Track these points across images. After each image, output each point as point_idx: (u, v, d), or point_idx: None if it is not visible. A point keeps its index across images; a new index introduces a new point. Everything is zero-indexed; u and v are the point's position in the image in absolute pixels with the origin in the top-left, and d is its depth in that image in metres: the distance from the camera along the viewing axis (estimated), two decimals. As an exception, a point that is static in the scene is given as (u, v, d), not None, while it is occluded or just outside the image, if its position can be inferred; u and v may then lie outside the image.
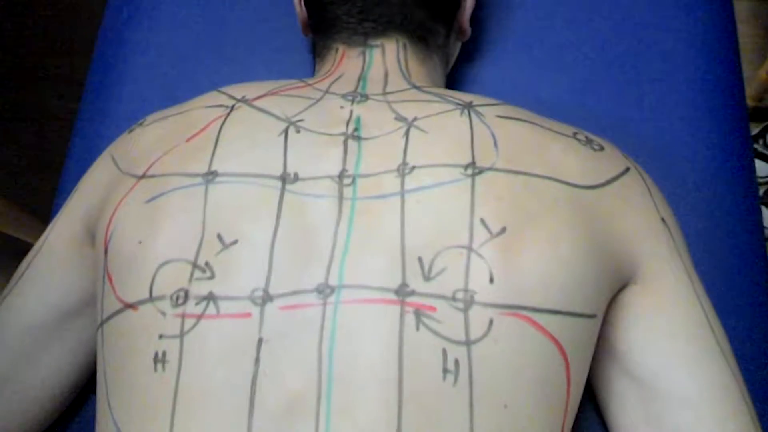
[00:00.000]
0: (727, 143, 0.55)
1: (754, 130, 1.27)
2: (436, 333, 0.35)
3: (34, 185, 1.23)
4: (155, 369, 0.37)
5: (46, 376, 0.47)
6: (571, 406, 0.38)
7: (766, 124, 1.25)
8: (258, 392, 0.35)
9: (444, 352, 0.35)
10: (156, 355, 0.37)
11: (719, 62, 0.58)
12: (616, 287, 0.41)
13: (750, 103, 1.25)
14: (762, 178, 1.25)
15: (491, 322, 0.35)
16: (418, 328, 0.35)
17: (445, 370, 0.35)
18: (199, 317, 0.37)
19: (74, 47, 1.34)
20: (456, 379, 0.35)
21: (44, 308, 0.46)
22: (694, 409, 0.39)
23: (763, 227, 0.58)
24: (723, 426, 0.38)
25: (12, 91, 1.38)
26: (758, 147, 1.24)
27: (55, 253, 0.48)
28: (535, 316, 0.36)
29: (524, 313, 0.36)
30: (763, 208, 1.21)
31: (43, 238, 0.49)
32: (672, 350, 0.40)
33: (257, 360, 0.36)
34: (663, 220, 0.43)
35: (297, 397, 0.35)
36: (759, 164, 1.25)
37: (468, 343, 0.35)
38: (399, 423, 0.34)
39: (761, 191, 1.24)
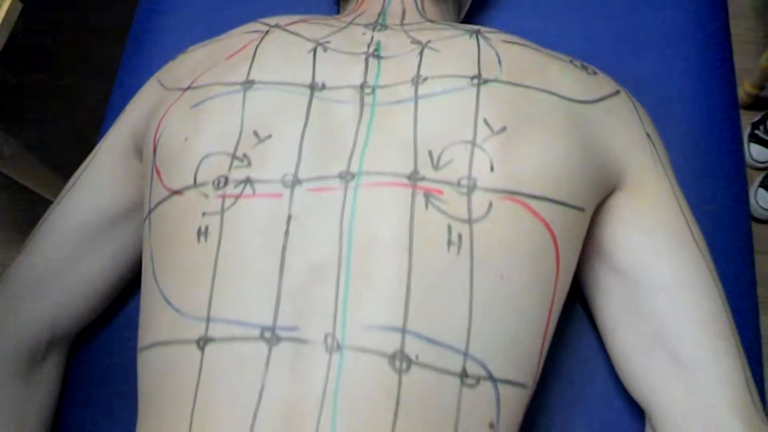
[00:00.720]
0: (712, 80, 0.61)
1: (756, 117, 1.31)
2: (442, 212, 0.40)
3: (66, 158, 1.29)
4: (198, 241, 0.42)
5: (92, 274, 0.53)
6: (560, 289, 0.43)
7: (767, 111, 1.29)
8: (287, 259, 0.40)
9: (449, 227, 0.40)
10: (199, 229, 0.42)
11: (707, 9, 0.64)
12: (604, 190, 0.46)
13: (752, 91, 1.29)
14: (762, 162, 1.29)
15: (491, 204, 0.41)
16: (427, 207, 0.40)
17: (450, 242, 0.40)
18: (238, 197, 0.42)
19: (108, 31, 1.41)
20: (459, 250, 0.40)
21: (93, 212, 0.52)
22: (670, 293, 0.44)
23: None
24: (696, 307, 0.43)
25: (48, 71, 1.45)
26: (759, 132, 1.29)
27: (105, 163, 0.53)
28: (530, 201, 0.41)
29: (520, 198, 0.41)
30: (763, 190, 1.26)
31: (93, 152, 0.55)
32: (652, 245, 0.45)
33: (287, 232, 0.41)
34: (648, 135, 0.48)
35: (321, 263, 0.40)
36: (759, 149, 1.30)
37: (470, 221, 0.40)
38: (408, 284, 0.39)
39: (762, 175, 1.28)
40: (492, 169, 0.41)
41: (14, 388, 0.50)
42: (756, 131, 1.30)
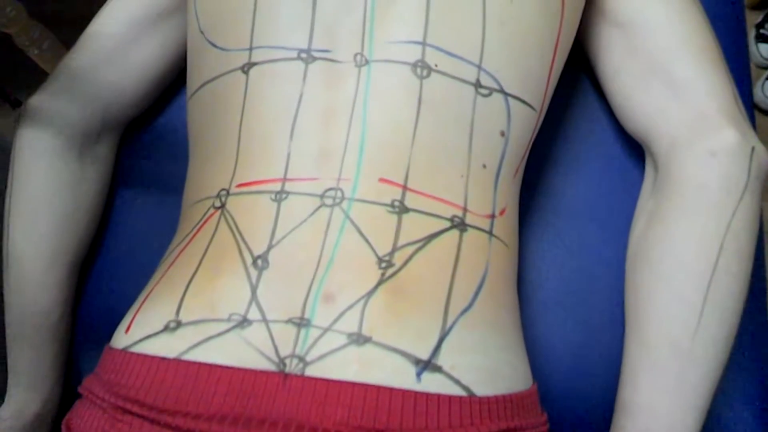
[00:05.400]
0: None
1: (760, 16, 1.34)
2: None
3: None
4: None
5: (140, 63, 0.59)
6: (564, 31, 0.48)
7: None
8: None
9: None
10: None
11: None
12: None
13: (758, -10, 1.32)
14: (768, 59, 1.32)
15: None
16: None
17: None
18: None
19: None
20: None
21: (142, 6, 0.58)
22: (664, 30, 0.48)
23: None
24: (688, 39, 0.48)
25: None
26: (765, 32, 1.32)
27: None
28: None
29: None
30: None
31: None
32: None
33: None
34: None
35: None
36: (766, 47, 1.33)
37: None
38: (428, 6, 0.44)
39: (768, 73, 1.31)
40: None
41: (70, 162, 0.57)
42: (762, 30, 1.33)
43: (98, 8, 0.60)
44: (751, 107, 0.62)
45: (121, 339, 0.41)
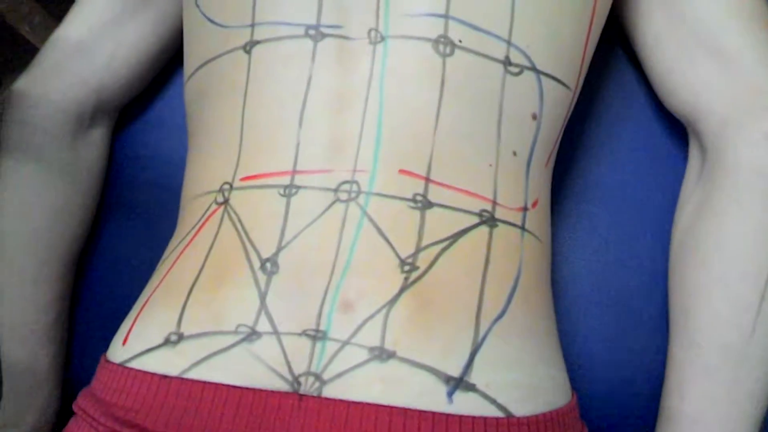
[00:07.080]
0: None
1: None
2: None
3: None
4: None
5: (134, 39, 0.54)
6: (600, 3, 0.43)
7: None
8: None
9: None
10: None
11: None
12: None
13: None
14: None
15: None
16: None
17: None
18: None
19: None
20: None
21: None
22: None
23: None
24: (737, 4, 0.43)
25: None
26: None
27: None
28: None
29: None
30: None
31: None
32: None
33: None
34: None
35: None
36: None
37: None
38: None
39: None
40: None
41: (63, 149, 0.53)
42: None
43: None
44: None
45: (118, 351, 0.38)
